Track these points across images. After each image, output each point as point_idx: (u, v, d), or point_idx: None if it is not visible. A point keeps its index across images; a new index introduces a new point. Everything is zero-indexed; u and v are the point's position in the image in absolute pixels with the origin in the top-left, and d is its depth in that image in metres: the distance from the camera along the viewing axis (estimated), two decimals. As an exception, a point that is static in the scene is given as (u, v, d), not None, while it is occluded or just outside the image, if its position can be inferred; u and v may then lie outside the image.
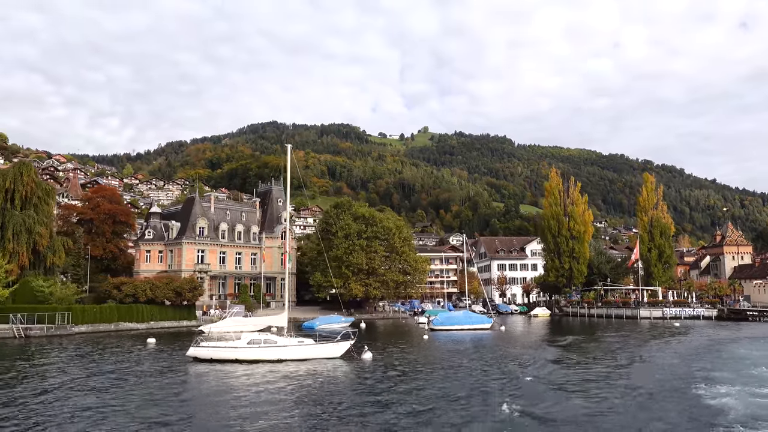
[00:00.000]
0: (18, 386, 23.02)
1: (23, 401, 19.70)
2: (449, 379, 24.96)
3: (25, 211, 72.58)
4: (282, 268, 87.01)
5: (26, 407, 18.72)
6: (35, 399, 20.02)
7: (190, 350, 30.74)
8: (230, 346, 30.40)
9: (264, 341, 30.51)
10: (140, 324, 56.53)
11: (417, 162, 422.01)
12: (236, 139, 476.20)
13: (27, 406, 18.89)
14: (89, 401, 19.70)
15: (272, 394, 21.07)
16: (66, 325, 49.42)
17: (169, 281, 60.79)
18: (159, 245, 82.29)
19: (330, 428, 15.79)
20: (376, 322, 71.66)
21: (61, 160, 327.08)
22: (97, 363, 30.54)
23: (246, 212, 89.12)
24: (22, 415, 17.61)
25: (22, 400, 19.88)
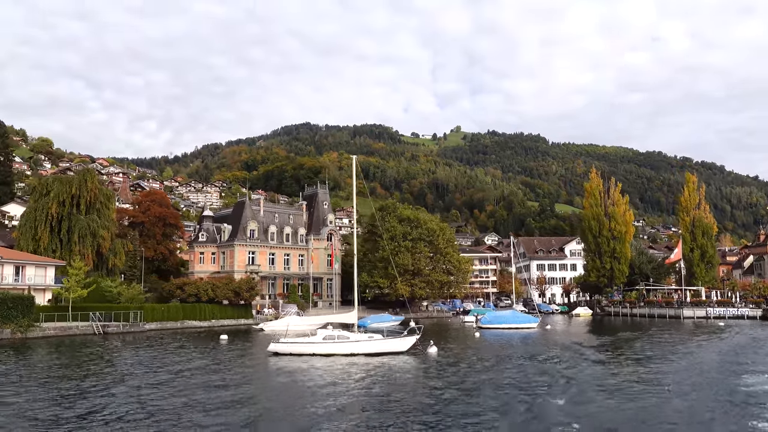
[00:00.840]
0: (151, 373, 26.08)
1: (163, 384, 22.67)
2: (516, 369, 27.10)
3: (89, 216, 77.26)
4: (328, 269, 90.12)
5: (172, 387, 21.75)
6: (174, 382, 22.94)
7: (270, 346, 33.68)
8: (307, 341, 33.22)
9: (338, 337, 33.22)
10: (203, 322, 60.11)
11: (450, 162, 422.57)
12: (270, 141, 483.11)
13: (173, 386, 21.85)
14: (215, 389, 22.50)
15: (351, 383, 23.51)
16: (138, 323, 53.12)
17: (229, 282, 64.30)
18: (212, 247, 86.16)
19: (409, 413, 18.03)
20: (422, 321, 73.91)
21: (104, 163, 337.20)
22: (196, 357, 33.73)
23: (293, 215, 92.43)
24: (174, 392, 20.58)
25: (163, 384, 22.87)
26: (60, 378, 25.05)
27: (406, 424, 15.97)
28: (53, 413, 17.57)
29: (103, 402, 19.51)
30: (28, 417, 17.12)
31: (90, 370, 27.80)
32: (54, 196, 74.43)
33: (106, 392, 21.45)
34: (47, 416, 17.17)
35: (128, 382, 23.84)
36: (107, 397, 20.55)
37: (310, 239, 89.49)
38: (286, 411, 18.56)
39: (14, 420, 16.70)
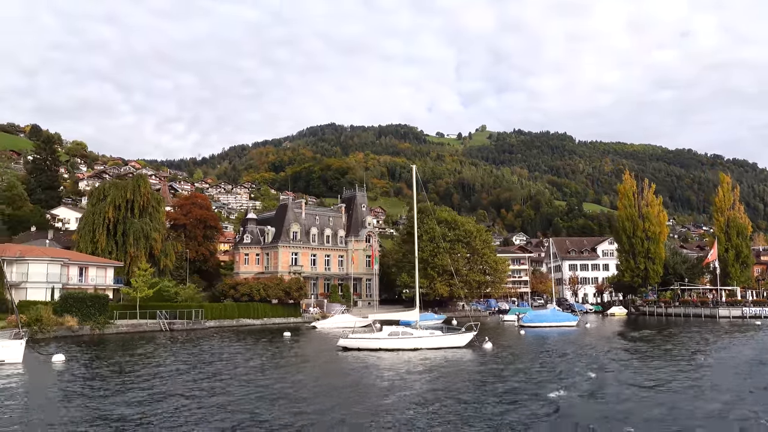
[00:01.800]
0: (240, 366, 29.16)
1: (272, 370, 25.66)
2: (566, 362, 29.53)
3: (142, 219, 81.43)
4: (366, 269, 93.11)
5: (281, 374, 24.76)
6: (268, 373, 25.93)
7: (340, 341, 36.66)
8: (374, 337, 36.13)
9: (402, 333, 36.03)
10: (256, 320, 63.50)
11: (476, 161, 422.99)
12: (297, 141, 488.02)
13: (280, 373, 24.84)
14: (302, 377, 25.43)
15: (418, 374, 26.18)
16: (200, 321, 56.62)
17: (279, 282, 67.65)
18: (256, 248, 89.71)
19: (474, 401, 20.61)
20: (460, 319, 76.36)
21: (136, 166, 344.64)
22: (279, 350, 36.88)
23: (333, 217, 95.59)
24: (281, 376, 23.57)
25: (272, 370, 25.88)
26: (206, 363, 28.32)
27: (481, 406, 18.58)
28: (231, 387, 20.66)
29: (259, 381, 22.59)
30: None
31: (216, 358, 30.95)
32: (110, 201, 78.72)
33: (252, 374, 24.61)
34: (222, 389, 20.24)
35: (249, 366, 26.95)
36: (256, 377, 23.63)
37: (350, 241, 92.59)
38: (376, 397, 21.30)
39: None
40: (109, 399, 19.86)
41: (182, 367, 28.93)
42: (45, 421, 16.51)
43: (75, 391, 21.47)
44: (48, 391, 21.72)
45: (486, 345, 36.32)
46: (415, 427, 15.57)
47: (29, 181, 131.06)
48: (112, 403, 19.04)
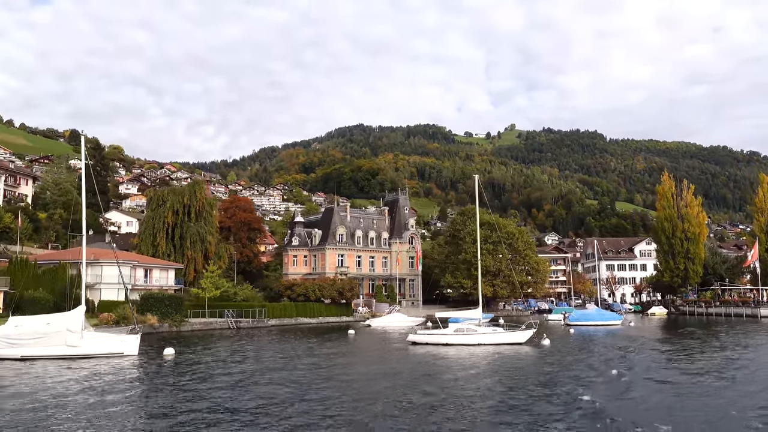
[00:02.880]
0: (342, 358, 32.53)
1: (360, 364, 28.96)
2: (628, 354, 32.15)
3: (198, 223, 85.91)
4: (409, 270, 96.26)
5: (367, 367, 28.00)
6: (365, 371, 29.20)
7: (409, 336, 39.98)
8: (441, 333, 39.31)
9: (466, 329, 39.07)
10: (312, 319, 67.16)
11: (506, 161, 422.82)
12: (326, 143, 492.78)
13: (367, 366, 28.09)
14: (397, 367, 28.59)
15: (483, 366, 29.08)
16: (263, 319, 60.43)
17: (333, 283, 71.27)
18: (304, 250, 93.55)
19: (539, 388, 23.40)
20: (504, 318, 78.95)
21: (171, 169, 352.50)
22: (353, 346, 40.21)
23: (376, 220, 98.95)
24: (369, 366, 26.78)
25: (360, 364, 29.18)
26: (301, 357, 31.80)
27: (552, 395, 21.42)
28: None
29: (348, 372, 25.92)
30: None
31: (303, 353, 34.44)
32: (169, 206, 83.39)
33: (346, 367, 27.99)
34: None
35: (343, 359, 30.31)
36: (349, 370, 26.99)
37: (393, 242, 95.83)
38: (453, 386, 24.31)
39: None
40: (223, 389, 23.25)
41: (279, 358, 32.41)
42: (170, 404, 19.87)
43: (194, 379, 24.96)
44: (171, 379, 25.16)
45: (544, 341, 39.14)
46: (507, 405, 18.49)
47: (80, 186, 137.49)
48: (229, 390, 22.43)
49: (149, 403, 19.42)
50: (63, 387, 22.58)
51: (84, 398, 20.16)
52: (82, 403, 19.29)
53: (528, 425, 15.72)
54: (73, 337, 31.43)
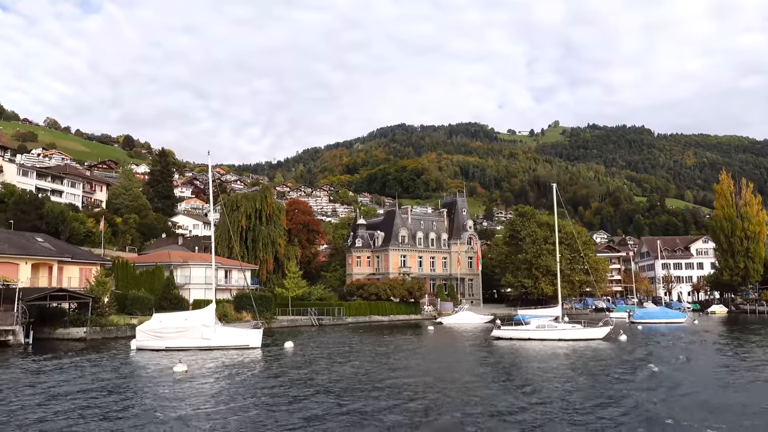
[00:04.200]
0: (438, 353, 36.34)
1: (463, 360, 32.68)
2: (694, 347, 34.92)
3: (269, 226, 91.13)
4: (469, 270, 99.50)
5: (466, 360, 31.71)
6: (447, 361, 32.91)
7: (494, 332, 43.57)
8: (524, 329, 42.74)
9: (547, 326, 42.40)
10: (383, 317, 71.26)
11: (550, 158, 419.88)
12: (368, 143, 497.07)
13: (466, 359, 31.79)
14: (496, 359, 32.16)
15: (565, 359, 32.24)
16: (342, 317, 64.82)
17: (402, 282, 75.31)
18: (367, 252, 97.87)
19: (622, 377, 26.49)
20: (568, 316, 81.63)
21: (221, 171, 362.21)
22: (436, 342, 43.96)
23: (436, 221, 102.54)
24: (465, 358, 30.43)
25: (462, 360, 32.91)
26: (405, 351, 35.84)
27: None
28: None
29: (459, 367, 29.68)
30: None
31: (397, 348, 38.47)
32: (243, 211, 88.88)
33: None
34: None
35: (442, 354, 34.16)
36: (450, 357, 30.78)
37: (452, 243, 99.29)
38: (546, 375, 27.69)
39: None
40: (342, 379, 27.23)
41: (383, 350, 36.40)
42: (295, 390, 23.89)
43: (322, 369, 29.06)
44: (295, 369, 29.31)
45: (621, 337, 42.12)
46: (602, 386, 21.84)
47: (148, 191, 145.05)
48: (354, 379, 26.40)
49: (312, 382, 23.53)
50: (230, 369, 27.01)
51: (249, 378, 24.47)
52: (250, 382, 23.57)
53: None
54: (207, 331, 36.15)
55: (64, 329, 45.07)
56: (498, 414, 17.23)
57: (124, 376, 26.01)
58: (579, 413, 17.36)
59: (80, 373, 26.75)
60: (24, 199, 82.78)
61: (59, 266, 59.70)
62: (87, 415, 17.38)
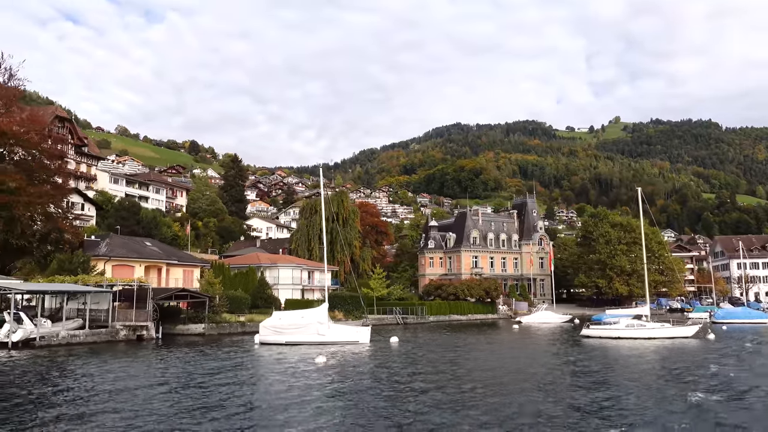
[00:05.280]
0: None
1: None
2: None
3: (345, 229, 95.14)
4: (539, 270, 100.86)
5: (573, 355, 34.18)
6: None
7: (583, 330, 45.71)
8: (613, 328, 44.66)
9: (636, 325, 44.20)
10: (462, 316, 73.99)
11: (612, 155, 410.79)
12: (424, 143, 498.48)
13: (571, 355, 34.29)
14: (595, 354, 34.47)
15: (657, 355, 34.02)
16: (425, 316, 67.96)
17: (480, 283, 77.86)
18: (439, 253, 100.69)
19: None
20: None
21: (282, 174, 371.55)
22: (529, 340, 46.50)
23: (506, 223, 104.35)
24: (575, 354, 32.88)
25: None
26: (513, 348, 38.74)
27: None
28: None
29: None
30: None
31: (497, 346, 41.35)
32: (321, 215, 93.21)
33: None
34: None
35: (545, 351, 36.76)
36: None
37: (523, 244, 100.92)
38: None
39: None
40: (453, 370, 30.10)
41: (488, 346, 39.25)
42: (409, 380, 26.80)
43: (426, 361, 32.08)
44: (402, 361, 32.43)
45: (709, 336, 43.44)
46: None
47: (222, 195, 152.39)
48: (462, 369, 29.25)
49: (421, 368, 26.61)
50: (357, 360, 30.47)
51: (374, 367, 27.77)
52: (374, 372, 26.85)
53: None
54: (322, 327, 39.93)
55: (183, 325, 49.89)
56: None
57: (272, 364, 29.81)
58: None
59: (232, 362, 30.78)
60: (123, 206, 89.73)
61: (167, 268, 65.32)
62: (285, 393, 20.92)
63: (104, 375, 25.40)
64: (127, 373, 26.11)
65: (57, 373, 26.09)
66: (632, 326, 44.02)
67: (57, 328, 40.24)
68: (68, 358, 31.97)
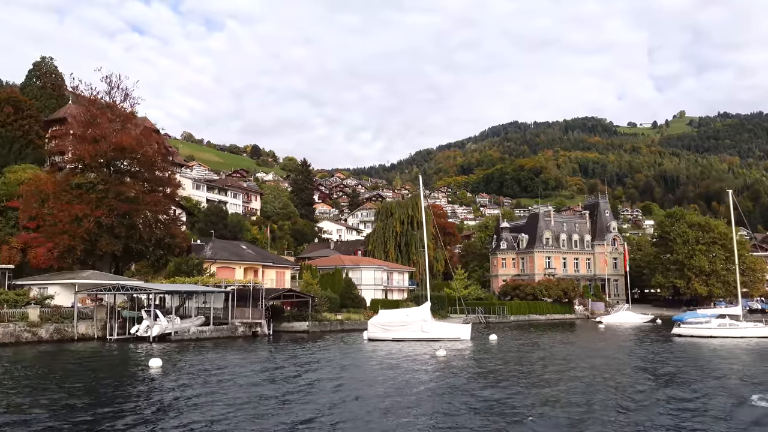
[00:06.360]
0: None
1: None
2: None
3: (419, 231, 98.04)
4: (613, 270, 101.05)
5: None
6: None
7: (674, 329, 47.15)
8: (706, 327, 45.95)
9: (729, 324, 45.33)
10: (540, 316, 75.78)
11: (677, 151, 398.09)
12: (481, 143, 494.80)
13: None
14: (692, 352, 36.16)
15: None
16: (506, 315, 70.21)
17: (558, 283, 79.43)
18: (512, 254, 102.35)
19: None
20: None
21: (341, 176, 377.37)
22: (620, 339, 48.36)
23: (578, 223, 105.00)
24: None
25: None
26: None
27: None
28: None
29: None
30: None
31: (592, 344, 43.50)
32: (397, 218, 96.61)
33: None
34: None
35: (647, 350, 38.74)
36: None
37: (596, 245, 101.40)
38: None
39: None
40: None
41: (588, 344, 41.38)
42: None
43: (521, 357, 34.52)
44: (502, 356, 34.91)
45: (805, 335, 44.22)
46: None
47: (292, 199, 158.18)
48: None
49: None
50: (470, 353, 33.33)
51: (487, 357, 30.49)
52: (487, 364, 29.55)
53: None
54: (426, 324, 43.02)
55: (288, 323, 53.96)
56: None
57: (392, 359, 33.03)
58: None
59: (355, 355, 34.22)
60: (212, 211, 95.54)
61: (262, 270, 70.00)
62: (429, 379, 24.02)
63: (264, 362, 29.22)
64: (285, 362, 29.82)
65: (222, 361, 30.06)
66: (725, 325, 45.10)
67: (186, 324, 44.89)
68: (206, 350, 36.19)
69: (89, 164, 55.99)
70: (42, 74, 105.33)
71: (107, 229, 52.90)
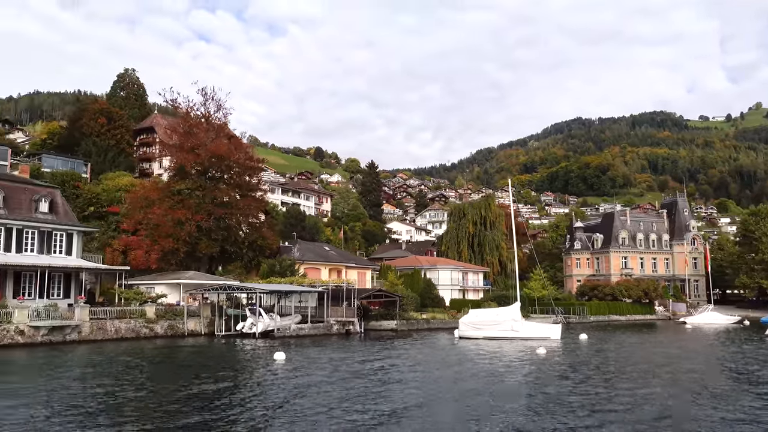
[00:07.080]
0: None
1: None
2: None
3: (492, 231, 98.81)
4: (693, 271, 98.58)
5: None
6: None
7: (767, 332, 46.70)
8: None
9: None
10: (620, 316, 75.26)
11: (754, 144, 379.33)
12: (543, 140, 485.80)
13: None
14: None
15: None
16: (586, 315, 70.27)
17: (638, 283, 78.63)
18: (586, 254, 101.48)
19: None
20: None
21: (404, 177, 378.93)
22: (719, 337, 48.16)
23: (655, 222, 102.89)
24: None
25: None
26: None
27: None
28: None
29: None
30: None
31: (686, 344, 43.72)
32: (470, 218, 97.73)
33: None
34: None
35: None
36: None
37: (674, 244, 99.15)
38: None
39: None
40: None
41: (682, 345, 41.61)
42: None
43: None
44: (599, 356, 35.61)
45: None
46: None
47: (360, 200, 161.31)
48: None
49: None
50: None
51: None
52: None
53: None
54: (516, 324, 44.27)
55: (376, 321, 56.16)
56: None
57: (493, 357, 34.54)
58: None
59: (452, 351, 35.92)
60: (291, 213, 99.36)
61: (345, 270, 72.76)
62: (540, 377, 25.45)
63: (373, 355, 31.36)
64: (396, 358, 31.89)
65: (341, 356, 32.40)
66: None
67: (287, 321, 47.79)
68: (306, 346, 38.65)
69: (188, 172, 60.20)
70: (126, 85, 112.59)
71: (206, 232, 56.79)
